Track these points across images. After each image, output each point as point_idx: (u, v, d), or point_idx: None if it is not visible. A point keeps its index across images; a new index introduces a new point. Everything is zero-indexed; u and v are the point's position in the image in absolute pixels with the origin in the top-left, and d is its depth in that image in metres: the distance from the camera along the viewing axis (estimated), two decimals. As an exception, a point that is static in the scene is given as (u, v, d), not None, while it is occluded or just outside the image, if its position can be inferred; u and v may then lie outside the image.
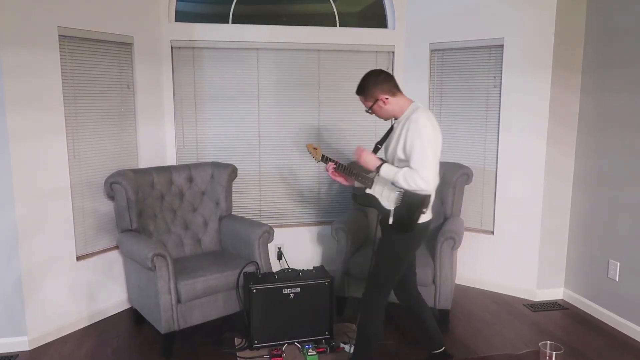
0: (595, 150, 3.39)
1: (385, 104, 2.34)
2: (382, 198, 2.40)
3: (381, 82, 2.33)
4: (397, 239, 2.36)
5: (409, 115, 2.30)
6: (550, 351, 1.81)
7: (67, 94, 3.08)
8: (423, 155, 2.19)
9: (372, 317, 2.40)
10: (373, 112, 2.40)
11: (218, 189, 3.52)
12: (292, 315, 2.91)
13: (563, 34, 3.44)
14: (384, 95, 2.33)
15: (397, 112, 2.38)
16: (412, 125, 2.23)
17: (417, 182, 2.19)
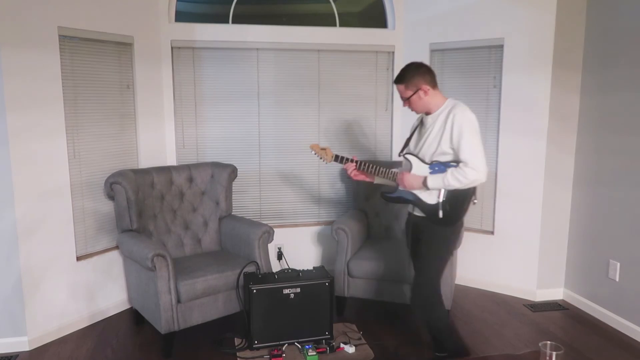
0: (596, 150, 3.39)
1: (425, 95, 2.35)
2: (421, 193, 2.39)
3: (424, 72, 2.35)
4: (448, 232, 2.40)
5: (451, 108, 2.32)
6: (550, 351, 1.80)
7: (67, 94, 3.08)
8: (473, 145, 2.24)
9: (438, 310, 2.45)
10: (410, 103, 2.39)
11: (218, 189, 3.52)
12: (292, 316, 2.91)
13: (563, 33, 3.44)
14: (426, 85, 2.33)
15: (432, 106, 2.38)
16: (457, 118, 2.26)
17: (469, 176, 2.23)
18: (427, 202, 2.38)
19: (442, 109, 2.37)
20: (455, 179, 2.26)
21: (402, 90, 2.39)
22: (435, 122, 2.37)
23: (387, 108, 4.18)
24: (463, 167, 2.24)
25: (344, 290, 3.33)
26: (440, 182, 2.30)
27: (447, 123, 2.30)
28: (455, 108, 2.31)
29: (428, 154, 2.39)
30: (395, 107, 4.16)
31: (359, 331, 3.15)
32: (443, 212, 2.33)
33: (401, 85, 2.38)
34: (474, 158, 2.23)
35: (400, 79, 2.37)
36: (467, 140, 2.24)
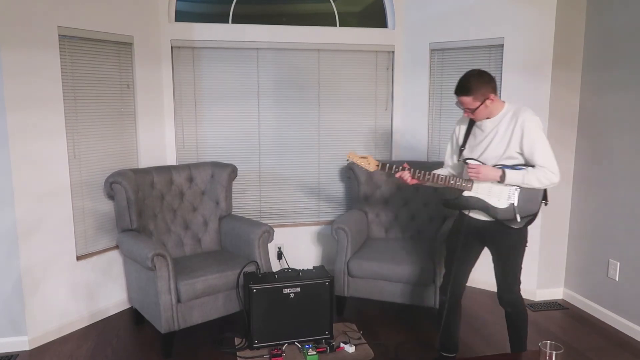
0: (595, 150, 3.39)
1: (491, 103, 2.30)
2: (490, 198, 2.37)
3: (489, 80, 2.29)
4: (521, 234, 2.41)
5: (515, 111, 2.30)
6: (550, 351, 1.80)
7: (67, 94, 3.08)
8: (547, 150, 2.25)
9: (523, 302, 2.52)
10: (475, 113, 2.32)
11: (218, 189, 3.52)
12: (292, 315, 2.91)
13: (563, 33, 3.44)
14: (492, 94, 2.29)
15: (493, 111, 2.34)
16: (528, 122, 2.25)
17: (551, 178, 2.25)
18: (498, 207, 2.36)
19: (503, 112, 2.34)
20: (535, 178, 2.25)
21: (468, 102, 2.29)
22: (497, 126, 2.34)
23: (387, 108, 4.18)
24: (546, 170, 2.25)
25: (343, 289, 3.33)
26: (520, 178, 2.27)
27: (516, 127, 2.27)
28: (522, 112, 2.29)
29: (493, 158, 2.35)
30: (395, 106, 4.16)
31: (358, 331, 3.15)
32: (520, 216, 2.34)
33: (468, 97, 2.28)
34: (551, 162, 2.25)
35: (465, 90, 2.28)
36: (541, 144, 2.25)
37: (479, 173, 2.32)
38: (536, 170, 2.26)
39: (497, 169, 2.31)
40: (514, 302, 2.50)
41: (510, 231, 2.38)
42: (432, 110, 4.03)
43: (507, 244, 2.42)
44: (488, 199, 2.38)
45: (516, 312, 2.53)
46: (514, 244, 2.41)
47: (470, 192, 2.41)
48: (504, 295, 2.50)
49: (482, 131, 2.40)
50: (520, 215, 2.34)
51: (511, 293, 2.49)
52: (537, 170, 2.26)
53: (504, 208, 2.35)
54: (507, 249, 2.43)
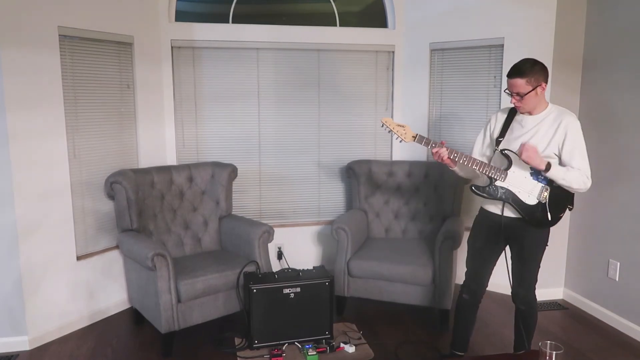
0: (595, 150, 3.39)
1: (542, 92, 2.28)
2: (521, 193, 2.35)
3: (543, 68, 2.26)
4: (546, 235, 2.42)
5: (559, 113, 2.31)
6: (550, 351, 1.80)
7: (67, 94, 3.08)
8: (585, 156, 2.30)
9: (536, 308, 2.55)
10: (523, 99, 2.27)
11: (218, 189, 3.52)
12: (292, 315, 2.91)
13: (563, 33, 3.44)
14: (545, 83, 2.27)
15: (537, 106, 2.32)
16: (572, 126, 2.27)
17: (586, 182, 2.29)
18: (527, 203, 2.35)
19: (547, 112, 2.33)
20: (575, 178, 2.27)
21: (521, 85, 2.23)
22: (540, 124, 2.32)
23: (387, 107, 4.18)
24: (584, 175, 2.28)
25: (344, 289, 3.33)
26: (562, 173, 2.26)
27: (560, 128, 2.28)
28: (567, 115, 2.30)
29: None
30: (395, 106, 4.16)
31: (359, 331, 3.15)
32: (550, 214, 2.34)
33: (522, 79, 2.22)
34: (587, 167, 2.30)
35: (521, 72, 2.23)
36: (581, 149, 2.29)
37: (529, 151, 2.24)
38: (578, 172, 2.28)
39: (543, 159, 2.26)
40: (530, 301, 2.52)
41: (535, 231, 2.39)
42: (432, 110, 4.03)
43: (531, 243, 2.42)
44: (518, 193, 2.35)
45: (530, 311, 2.55)
46: (537, 243, 2.42)
47: (502, 183, 2.36)
48: (521, 293, 2.50)
49: (522, 127, 2.38)
50: (551, 213, 2.34)
51: (529, 291, 2.50)
52: (579, 173, 2.28)
53: (533, 205, 2.34)
54: (529, 248, 2.42)
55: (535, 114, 2.34)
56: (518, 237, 2.43)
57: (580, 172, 2.29)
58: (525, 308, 2.54)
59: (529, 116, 2.36)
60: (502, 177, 2.36)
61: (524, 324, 2.56)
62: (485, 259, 2.56)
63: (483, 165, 2.35)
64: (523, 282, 2.49)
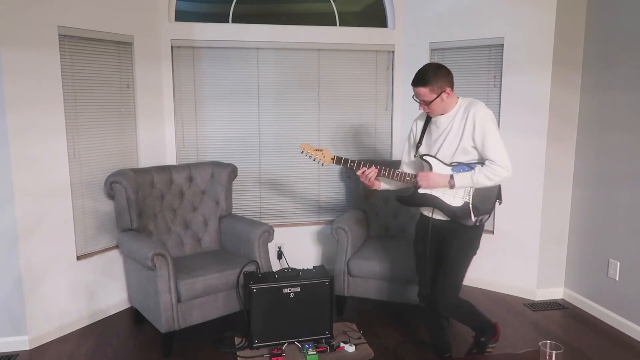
0: (596, 150, 3.39)
1: (447, 97, 2.28)
2: (445, 195, 2.33)
3: (446, 73, 2.27)
4: (474, 236, 2.36)
5: (467, 105, 2.29)
6: (550, 350, 1.80)
7: (67, 94, 3.08)
8: (499, 143, 2.22)
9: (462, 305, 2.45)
10: (431, 106, 2.30)
11: (218, 189, 3.52)
12: (292, 315, 2.91)
13: (563, 33, 3.44)
14: (449, 88, 2.27)
15: (448, 106, 2.33)
16: (478, 115, 2.23)
17: (501, 174, 2.21)
18: (451, 205, 2.33)
19: (457, 108, 2.33)
20: (484, 177, 2.22)
21: (424, 93, 2.27)
22: (452, 121, 2.32)
23: (387, 107, 4.18)
24: (492, 165, 2.21)
25: (344, 289, 3.33)
26: (468, 180, 2.25)
27: (468, 121, 2.25)
28: (473, 105, 2.27)
29: (448, 155, 2.33)
30: (395, 106, 4.16)
31: (358, 330, 3.15)
32: (474, 214, 2.30)
33: (424, 88, 2.26)
34: (501, 156, 2.21)
35: (423, 81, 2.25)
36: (492, 138, 2.22)
37: (428, 180, 2.30)
38: (485, 168, 2.23)
39: (445, 175, 2.29)
40: (449, 307, 2.44)
41: (463, 230, 2.34)
42: (432, 110, 4.02)
43: (458, 243, 2.36)
44: (443, 196, 2.34)
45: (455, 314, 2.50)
46: (464, 245, 2.37)
47: (425, 189, 2.37)
48: (438, 299, 2.41)
49: (438, 128, 2.37)
50: (474, 213, 2.31)
51: (446, 298, 2.41)
52: (485, 169, 2.23)
53: (459, 206, 2.32)
54: (456, 249, 2.36)
55: (447, 113, 2.34)
56: (445, 239, 2.39)
57: (491, 167, 2.22)
58: (448, 314, 2.49)
59: (442, 116, 2.35)
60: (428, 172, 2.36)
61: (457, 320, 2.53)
62: (429, 263, 2.49)
63: (404, 176, 2.37)
64: (442, 288, 2.40)
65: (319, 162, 2.46)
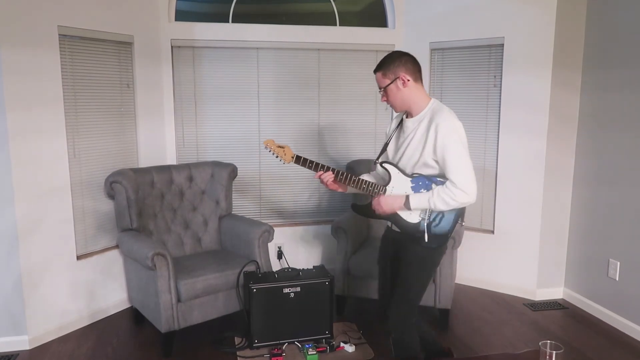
0: (595, 150, 3.39)
1: (404, 86, 2.04)
2: (402, 211, 2.11)
3: (406, 61, 2.05)
4: (428, 257, 2.13)
5: (433, 115, 2.02)
6: (550, 350, 1.80)
7: (67, 93, 3.08)
8: (461, 162, 1.96)
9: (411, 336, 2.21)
10: (387, 95, 2.09)
11: (218, 188, 3.52)
12: (292, 315, 2.91)
13: (563, 33, 3.44)
14: (406, 75, 2.03)
15: (414, 103, 2.08)
16: (441, 128, 1.96)
17: (460, 199, 1.95)
18: (407, 221, 2.10)
19: (425, 112, 2.07)
20: (442, 201, 1.97)
21: (379, 78, 2.08)
22: (417, 128, 2.07)
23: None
24: (451, 188, 1.95)
25: (344, 289, 3.33)
26: (425, 202, 2.01)
27: (430, 132, 1.99)
28: (439, 115, 2.00)
29: (409, 165, 2.10)
30: (395, 106, 4.15)
31: (359, 330, 3.15)
32: (428, 234, 2.06)
33: (379, 72, 2.08)
34: (463, 178, 1.94)
35: (379, 65, 2.08)
36: (454, 157, 1.95)
37: (381, 207, 2.09)
38: (442, 191, 1.97)
39: (400, 197, 2.06)
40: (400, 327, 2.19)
41: (416, 249, 2.10)
42: (432, 109, 4.02)
43: (409, 262, 2.13)
44: (401, 212, 2.11)
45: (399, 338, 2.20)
46: (415, 264, 2.13)
47: None
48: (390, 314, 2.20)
49: (404, 132, 2.14)
50: (428, 234, 2.06)
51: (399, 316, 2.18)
52: (443, 192, 1.97)
53: (414, 223, 2.09)
54: (407, 266, 2.14)
55: (415, 116, 2.10)
56: (399, 253, 2.19)
57: (451, 190, 1.95)
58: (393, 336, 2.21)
59: (409, 119, 2.12)
60: (380, 194, 2.14)
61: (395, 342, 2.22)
62: (389, 276, 2.30)
63: (361, 183, 2.15)
64: (394, 303, 2.18)
65: (281, 159, 2.28)
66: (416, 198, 2.04)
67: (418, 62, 2.10)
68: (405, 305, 2.18)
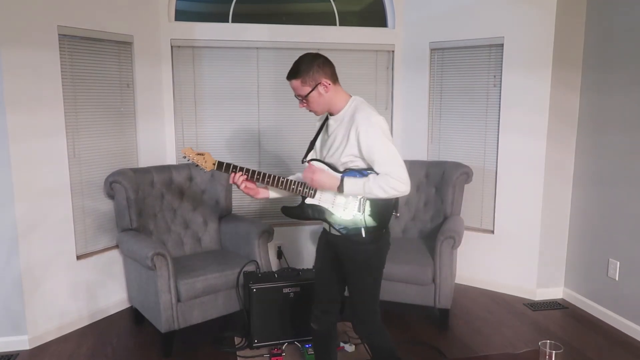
0: (595, 150, 3.39)
1: (326, 91, 1.96)
2: (335, 207, 2.03)
3: (322, 64, 1.96)
4: (372, 254, 2.05)
5: (353, 113, 1.96)
6: (550, 350, 1.80)
7: (67, 93, 3.08)
8: (389, 155, 1.89)
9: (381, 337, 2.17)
10: (308, 102, 2.00)
11: (218, 188, 3.52)
12: (292, 315, 2.91)
13: (563, 33, 3.44)
14: (326, 79, 1.95)
15: (335, 104, 2.00)
16: (363, 125, 1.90)
17: (397, 187, 1.87)
18: (341, 218, 2.02)
19: (345, 110, 2.00)
20: (378, 187, 1.88)
21: (297, 86, 1.98)
22: (339, 126, 2.00)
23: (387, 107, 4.18)
24: (387, 177, 1.87)
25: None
26: (360, 187, 1.92)
27: (352, 131, 1.92)
28: (358, 113, 1.94)
29: (337, 163, 2.02)
30: (395, 106, 4.16)
31: (358, 330, 3.15)
32: (365, 230, 1.98)
33: (297, 80, 1.97)
34: (396, 169, 1.87)
35: (294, 73, 1.98)
36: (381, 151, 1.88)
37: (313, 174, 1.97)
38: (380, 177, 1.89)
39: (334, 177, 1.97)
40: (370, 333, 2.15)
41: (357, 249, 2.03)
42: (432, 109, 4.03)
43: (352, 264, 2.07)
44: (332, 208, 2.03)
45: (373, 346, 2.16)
46: (359, 265, 2.06)
47: (312, 200, 2.07)
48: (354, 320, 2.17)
49: (327, 131, 2.08)
50: (366, 229, 1.98)
51: (360, 324, 2.15)
52: (380, 178, 1.88)
53: (348, 220, 2.00)
54: (352, 269, 2.08)
55: (336, 114, 2.02)
56: (343, 256, 2.10)
57: (386, 178, 1.87)
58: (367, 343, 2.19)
59: (331, 118, 2.04)
60: (311, 193, 2.07)
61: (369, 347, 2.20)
62: (327, 281, 2.22)
63: (289, 183, 2.07)
64: (352, 309, 2.15)
65: (202, 168, 2.10)
66: (351, 181, 1.94)
67: (331, 62, 2.03)
68: (363, 309, 2.14)
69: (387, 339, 2.17)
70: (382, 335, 2.17)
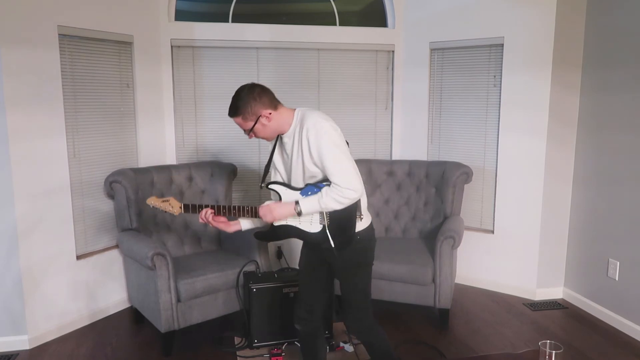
0: (595, 149, 3.39)
1: (269, 121, 2.01)
2: (302, 223, 2.08)
3: (259, 95, 2.02)
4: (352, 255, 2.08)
5: (302, 123, 1.99)
6: (550, 350, 1.80)
7: (67, 93, 3.08)
8: (339, 161, 1.91)
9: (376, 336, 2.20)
10: (255, 134, 2.06)
11: (218, 188, 3.52)
12: (292, 315, 2.91)
13: (563, 33, 3.44)
14: (266, 110, 2.00)
15: (282, 125, 2.05)
16: (311, 134, 1.93)
17: (348, 195, 1.90)
18: (310, 232, 2.07)
19: (294, 125, 2.03)
20: (332, 200, 1.92)
21: (240, 122, 2.05)
22: (293, 141, 2.04)
23: (387, 107, 4.18)
24: (338, 188, 1.91)
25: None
26: (316, 204, 1.96)
27: (303, 141, 1.96)
28: (306, 120, 1.96)
29: (299, 180, 2.06)
30: (395, 106, 4.16)
31: (358, 330, 3.15)
32: (333, 239, 2.02)
33: (237, 118, 2.04)
34: (344, 175, 1.90)
35: (234, 110, 2.06)
36: (330, 159, 1.91)
37: (271, 212, 2.02)
38: (331, 190, 1.92)
39: (289, 203, 2.01)
40: (364, 330, 2.19)
41: (334, 255, 2.06)
42: (432, 109, 4.03)
43: (341, 263, 2.09)
44: (300, 225, 2.08)
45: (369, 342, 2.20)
46: (342, 268, 2.10)
47: (280, 222, 2.09)
48: (349, 324, 2.20)
49: (284, 150, 2.11)
50: (333, 238, 2.02)
51: (353, 322, 2.19)
52: (332, 190, 1.92)
53: (317, 232, 2.06)
54: (342, 268, 2.11)
55: (287, 132, 2.06)
56: (328, 258, 2.13)
57: (336, 189, 1.90)
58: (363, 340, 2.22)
59: (285, 135, 2.07)
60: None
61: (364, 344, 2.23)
62: (310, 282, 2.24)
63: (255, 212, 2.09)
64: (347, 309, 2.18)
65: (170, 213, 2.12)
66: (306, 201, 1.99)
67: (267, 88, 2.06)
68: (356, 310, 2.17)
69: (382, 338, 2.20)
70: (378, 334, 2.20)
